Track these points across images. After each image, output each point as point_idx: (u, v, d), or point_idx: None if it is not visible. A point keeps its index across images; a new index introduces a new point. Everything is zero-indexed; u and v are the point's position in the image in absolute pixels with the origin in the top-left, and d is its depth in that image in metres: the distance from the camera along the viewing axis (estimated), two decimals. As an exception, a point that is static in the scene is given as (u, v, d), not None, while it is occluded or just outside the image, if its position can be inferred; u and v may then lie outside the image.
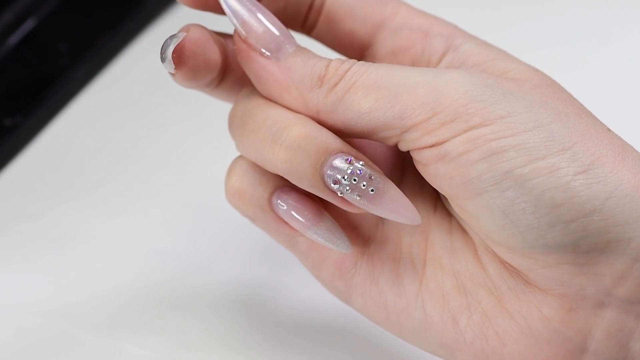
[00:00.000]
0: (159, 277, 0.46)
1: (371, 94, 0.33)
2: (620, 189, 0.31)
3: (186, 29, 0.35)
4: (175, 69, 0.34)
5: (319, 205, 0.35)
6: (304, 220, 0.35)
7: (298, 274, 0.43)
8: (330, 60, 0.34)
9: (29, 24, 0.55)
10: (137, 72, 0.55)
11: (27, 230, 0.49)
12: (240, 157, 0.37)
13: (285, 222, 0.35)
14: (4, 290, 0.46)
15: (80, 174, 0.51)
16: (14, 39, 0.55)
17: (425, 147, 0.33)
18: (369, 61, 0.37)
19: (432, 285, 0.35)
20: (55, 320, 0.44)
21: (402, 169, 0.38)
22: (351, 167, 0.33)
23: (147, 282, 0.46)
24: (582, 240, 0.32)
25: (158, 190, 0.50)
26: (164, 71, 0.35)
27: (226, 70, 0.36)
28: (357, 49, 0.38)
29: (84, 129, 0.53)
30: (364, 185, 0.33)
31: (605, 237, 0.31)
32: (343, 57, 0.36)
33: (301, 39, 0.37)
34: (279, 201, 0.35)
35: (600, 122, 0.34)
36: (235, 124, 0.36)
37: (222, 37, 0.37)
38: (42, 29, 0.56)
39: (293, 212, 0.35)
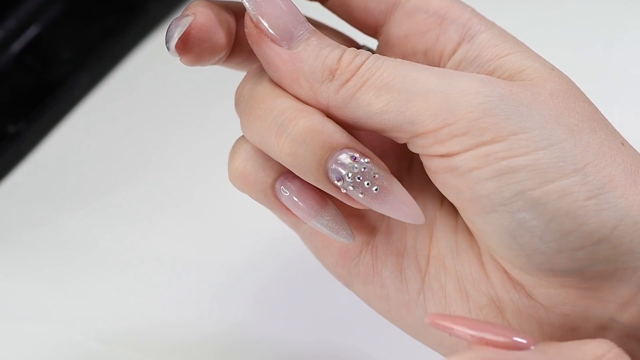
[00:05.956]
0: (164, 284, 0.46)
1: (383, 94, 0.32)
2: (630, 216, 0.31)
3: (193, 10, 0.34)
4: (179, 56, 0.33)
5: (323, 194, 0.35)
6: (307, 208, 0.34)
7: (302, 275, 0.42)
8: (344, 50, 0.33)
9: (32, 31, 0.55)
10: (141, 78, 0.55)
11: (31, 238, 0.48)
12: (244, 138, 0.36)
13: (288, 210, 0.35)
14: (8, 298, 0.46)
15: (84, 181, 0.51)
16: (17, 46, 0.55)
17: (435, 156, 0.32)
18: (383, 42, 0.36)
19: (435, 285, 0.35)
20: (60, 328, 0.44)
21: (410, 160, 0.37)
22: (356, 165, 0.32)
23: (152, 290, 0.46)
24: (589, 268, 0.31)
25: (162, 197, 0.50)
26: (167, 78, 0.35)
27: (235, 46, 0.35)
28: (370, 27, 0.36)
29: (88, 135, 0.53)
30: (367, 184, 0.33)
31: (612, 265, 0.31)
32: (356, 38, 0.35)
33: (316, 8, 0.36)
34: (282, 188, 0.35)
35: (615, 135, 0.33)
36: (242, 105, 0.35)
37: (231, 9, 0.35)
38: (45, 36, 0.55)
39: (296, 200, 0.34)
